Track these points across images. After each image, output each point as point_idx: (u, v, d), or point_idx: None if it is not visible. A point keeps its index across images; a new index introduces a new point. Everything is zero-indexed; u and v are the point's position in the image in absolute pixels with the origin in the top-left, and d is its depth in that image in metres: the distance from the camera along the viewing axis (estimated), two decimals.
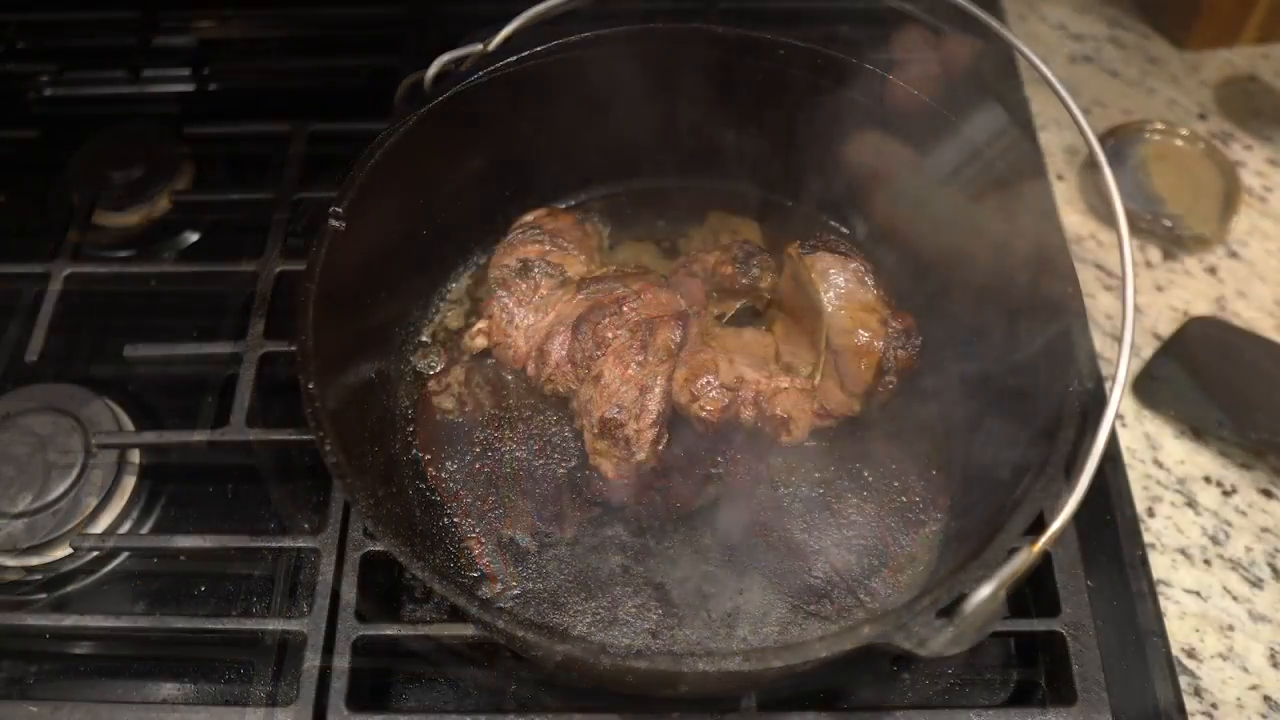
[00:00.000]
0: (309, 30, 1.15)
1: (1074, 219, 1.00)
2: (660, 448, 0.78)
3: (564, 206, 0.93)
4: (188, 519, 0.84)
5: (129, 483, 0.84)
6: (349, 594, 0.73)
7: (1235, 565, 0.81)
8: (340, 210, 0.73)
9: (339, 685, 0.70)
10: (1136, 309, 0.84)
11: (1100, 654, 0.71)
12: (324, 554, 0.75)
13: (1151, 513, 0.84)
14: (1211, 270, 0.97)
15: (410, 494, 0.79)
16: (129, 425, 0.85)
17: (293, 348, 0.77)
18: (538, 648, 0.61)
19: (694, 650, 0.72)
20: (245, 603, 0.80)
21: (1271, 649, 0.78)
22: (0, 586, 0.80)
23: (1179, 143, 1.02)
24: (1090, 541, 0.79)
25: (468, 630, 0.72)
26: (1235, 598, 0.80)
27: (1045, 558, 0.74)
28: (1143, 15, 1.15)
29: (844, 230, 0.92)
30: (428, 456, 0.81)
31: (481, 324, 0.85)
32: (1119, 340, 0.61)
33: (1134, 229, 0.97)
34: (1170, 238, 0.97)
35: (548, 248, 0.85)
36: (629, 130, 0.90)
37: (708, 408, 0.76)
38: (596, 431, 0.77)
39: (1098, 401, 0.67)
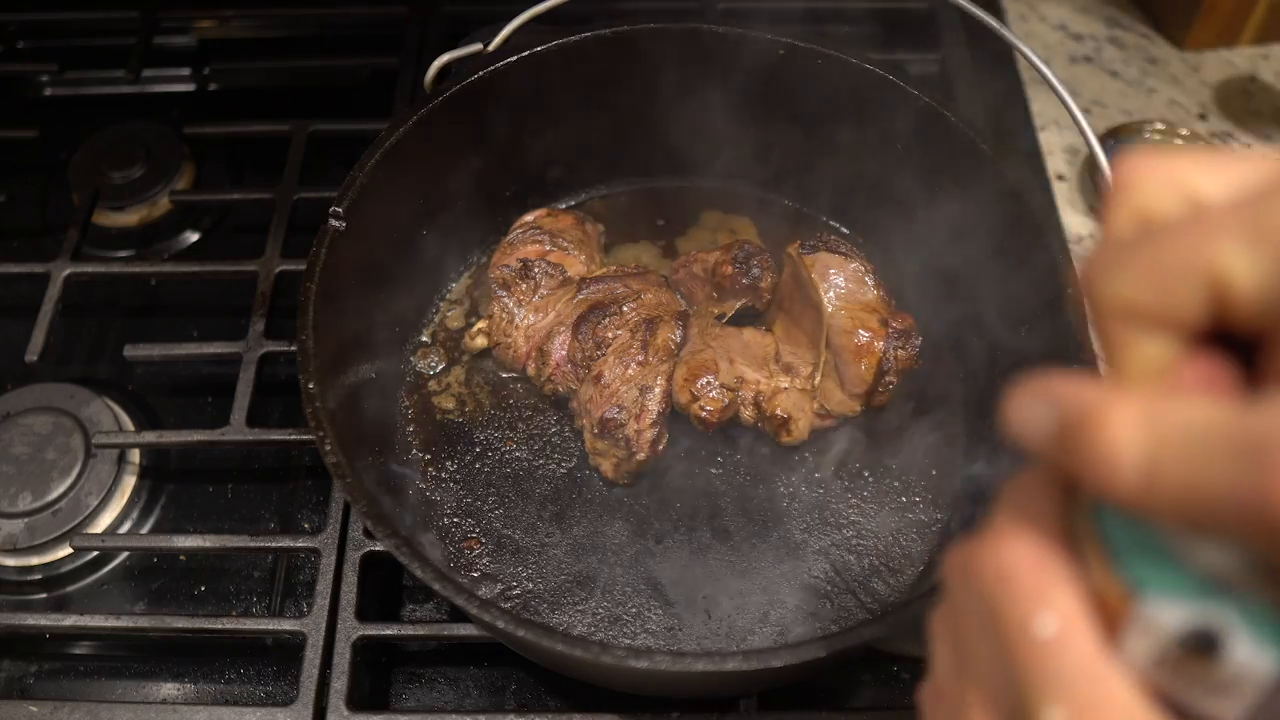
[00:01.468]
0: (309, 30, 1.15)
1: (1074, 219, 1.00)
2: (660, 448, 0.78)
3: (564, 206, 0.93)
4: (188, 519, 0.84)
5: (129, 483, 0.84)
6: (349, 594, 0.73)
7: None
8: (340, 210, 0.73)
9: (339, 685, 0.70)
10: None
11: None
12: (324, 554, 0.75)
13: None
14: None
15: (410, 494, 0.80)
16: (129, 425, 0.85)
17: (293, 348, 0.77)
18: (538, 648, 0.61)
19: (694, 650, 0.72)
20: (245, 603, 0.80)
21: None
22: (0, 586, 0.81)
23: (1179, 143, 1.02)
24: None
25: (468, 630, 0.72)
26: None
27: None
28: (1143, 15, 1.15)
29: (844, 230, 0.92)
30: (428, 456, 0.81)
31: (481, 324, 0.85)
32: None
33: None
34: None
35: (548, 248, 0.85)
36: (629, 130, 0.91)
37: (708, 408, 0.76)
38: (596, 431, 0.77)
39: None
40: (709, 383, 0.77)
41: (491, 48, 0.80)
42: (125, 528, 0.83)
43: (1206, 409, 0.28)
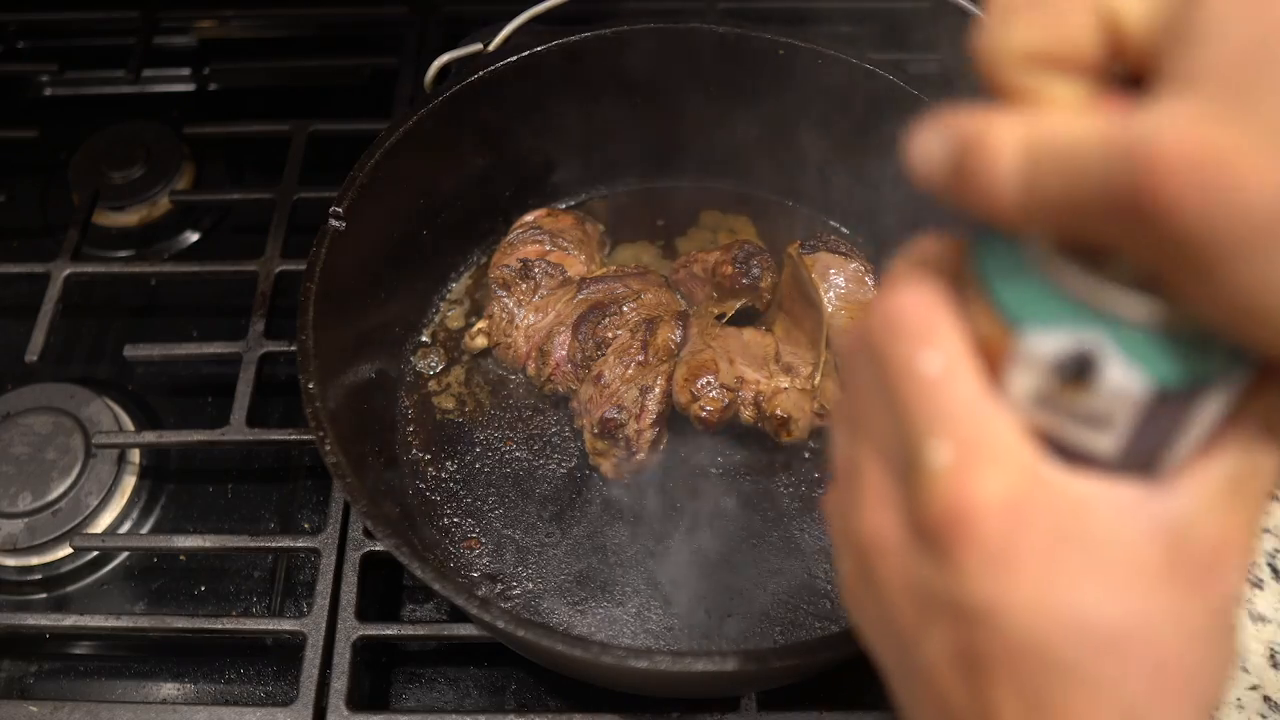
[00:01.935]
0: (309, 30, 1.15)
1: None
2: (660, 448, 0.78)
3: (564, 206, 0.93)
4: (188, 519, 0.84)
5: (129, 483, 0.84)
6: (349, 594, 0.73)
7: None
8: (340, 210, 0.73)
9: (339, 685, 0.70)
10: None
11: None
12: (324, 554, 0.75)
13: None
14: None
15: (410, 494, 0.80)
16: (129, 425, 0.85)
17: (293, 348, 0.77)
18: (538, 648, 0.61)
19: (694, 650, 0.72)
20: (245, 603, 0.80)
21: (1271, 649, 0.78)
22: (0, 586, 0.81)
23: None
24: None
25: (468, 630, 0.72)
26: None
27: None
28: None
29: (844, 230, 0.92)
30: (428, 456, 0.81)
31: (481, 324, 0.85)
32: None
33: None
34: None
35: (548, 248, 0.85)
36: (629, 130, 0.91)
37: (708, 408, 0.76)
38: (596, 431, 0.77)
39: None
40: (709, 383, 0.77)
41: (491, 48, 0.80)
42: (125, 528, 0.83)
43: (1086, 119, 0.28)
